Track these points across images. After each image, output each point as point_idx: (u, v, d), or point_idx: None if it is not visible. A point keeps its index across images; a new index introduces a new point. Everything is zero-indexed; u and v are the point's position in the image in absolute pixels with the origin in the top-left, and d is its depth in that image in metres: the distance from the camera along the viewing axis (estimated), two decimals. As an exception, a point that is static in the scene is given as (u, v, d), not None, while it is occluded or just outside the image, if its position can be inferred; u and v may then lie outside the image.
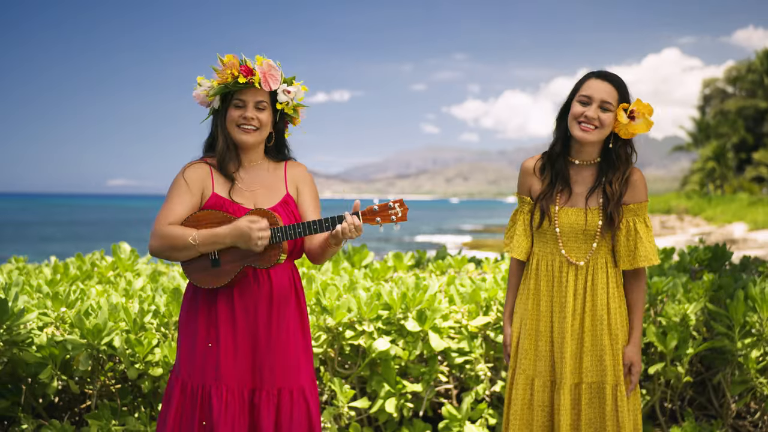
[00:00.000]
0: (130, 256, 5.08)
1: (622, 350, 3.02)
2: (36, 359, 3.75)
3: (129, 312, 3.85)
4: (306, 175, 3.15)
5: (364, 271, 5.01)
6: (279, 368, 2.96)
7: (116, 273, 4.99)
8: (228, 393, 2.92)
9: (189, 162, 3.06)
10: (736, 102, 72.97)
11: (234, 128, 3.01)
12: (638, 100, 2.97)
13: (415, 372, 4.22)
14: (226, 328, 2.94)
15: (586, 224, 3.01)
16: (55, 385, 3.77)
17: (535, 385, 3.08)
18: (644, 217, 3.04)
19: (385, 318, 4.19)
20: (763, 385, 4.25)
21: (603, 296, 3.01)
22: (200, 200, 2.99)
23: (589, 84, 3.01)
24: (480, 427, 4.19)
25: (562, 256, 3.04)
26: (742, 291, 4.19)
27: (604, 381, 3.00)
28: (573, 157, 3.10)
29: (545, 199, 3.08)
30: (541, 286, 3.09)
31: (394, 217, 2.80)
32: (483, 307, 4.31)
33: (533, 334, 3.10)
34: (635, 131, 2.98)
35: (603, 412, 2.99)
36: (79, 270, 4.91)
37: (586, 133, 2.99)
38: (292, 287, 3.03)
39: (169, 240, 2.87)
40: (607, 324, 3.01)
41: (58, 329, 3.93)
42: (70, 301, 4.00)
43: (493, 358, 4.35)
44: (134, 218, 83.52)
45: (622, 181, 3.01)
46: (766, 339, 4.18)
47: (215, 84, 2.98)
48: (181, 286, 4.17)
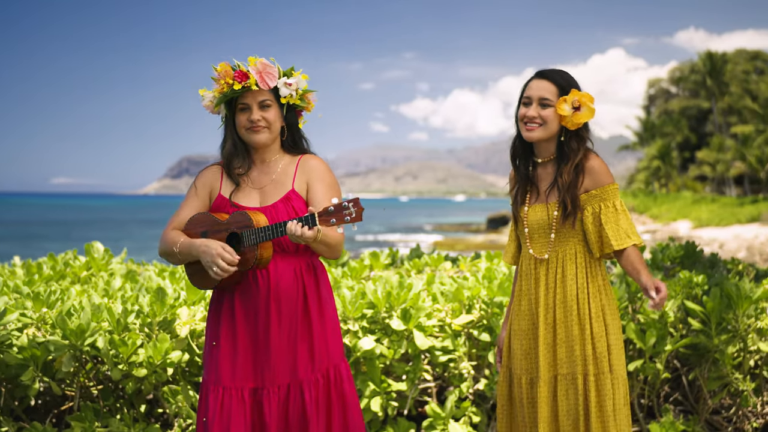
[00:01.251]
0: (104, 255, 5.00)
1: (592, 339, 3.04)
2: (17, 361, 3.67)
3: (113, 312, 3.78)
4: (318, 168, 3.09)
5: (342, 270, 5.00)
6: (282, 366, 2.95)
7: (90, 273, 4.91)
8: (225, 393, 2.93)
9: (208, 164, 3.14)
10: (680, 102, 74.56)
11: (244, 131, 3.04)
12: (574, 91, 3.00)
13: (400, 371, 4.22)
14: (227, 328, 2.99)
15: (548, 218, 3.06)
16: (36, 387, 3.70)
17: (522, 383, 3.11)
18: (613, 201, 3.03)
19: (369, 317, 4.19)
20: (738, 380, 4.34)
21: (572, 287, 3.04)
22: (208, 202, 3.08)
23: (530, 85, 3.08)
24: (463, 425, 4.21)
25: (530, 254, 3.10)
26: (718, 288, 4.28)
27: (575, 371, 3.02)
28: (536, 156, 3.15)
29: (515, 201, 3.17)
30: (522, 287, 3.15)
31: (348, 218, 2.70)
32: (466, 305, 4.33)
33: (519, 334, 3.14)
34: (580, 120, 3.00)
35: (577, 403, 3.01)
36: (53, 270, 4.82)
37: (530, 132, 3.05)
38: (299, 283, 3.00)
39: (164, 245, 3.02)
40: (576, 314, 3.03)
41: (40, 330, 3.84)
42: (51, 302, 3.91)
43: (475, 356, 4.37)
44: (85, 218, 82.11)
45: (571, 170, 3.03)
46: (741, 335, 4.27)
47: (216, 94, 3.03)
48: (163, 285, 4.11)
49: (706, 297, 4.30)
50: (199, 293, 4.10)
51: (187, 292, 4.08)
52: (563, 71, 3.08)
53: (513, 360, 3.16)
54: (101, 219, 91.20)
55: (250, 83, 2.96)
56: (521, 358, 3.12)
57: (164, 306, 3.87)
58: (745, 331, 4.26)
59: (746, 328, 4.26)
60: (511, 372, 3.17)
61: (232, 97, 3.01)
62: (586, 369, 3.01)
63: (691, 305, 4.32)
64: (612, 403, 3.00)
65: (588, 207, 3.03)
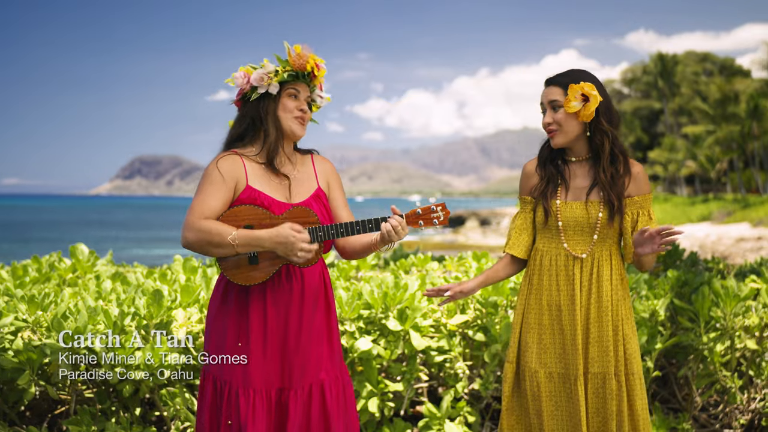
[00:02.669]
0: (89, 257, 4.92)
1: (623, 340, 3.09)
2: (13, 365, 3.59)
3: (109, 315, 3.72)
4: (335, 171, 3.13)
5: (331, 270, 4.99)
6: (308, 366, 2.93)
7: (76, 275, 4.82)
8: (255, 395, 2.88)
9: (220, 153, 2.96)
10: (632, 103, 75.76)
11: (289, 118, 2.95)
12: (571, 86, 3.01)
13: (396, 371, 4.23)
14: (258, 328, 2.89)
15: (588, 217, 3.07)
16: (32, 391, 3.62)
17: (540, 377, 3.12)
18: (648, 210, 3.10)
19: (366, 317, 4.18)
20: (726, 378, 4.42)
21: (608, 288, 3.07)
22: (234, 194, 2.90)
23: (542, 94, 3.12)
24: (459, 425, 4.23)
25: (565, 250, 3.10)
26: (707, 287, 4.35)
27: (607, 371, 3.05)
28: (568, 156, 3.17)
29: (545, 195, 3.14)
30: (543, 282, 3.14)
31: (437, 221, 2.82)
32: (460, 305, 4.35)
33: (536, 328, 3.14)
34: (591, 110, 3.00)
35: (608, 402, 3.04)
36: (39, 272, 4.73)
37: (553, 139, 3.10)
38: (322, 284, 3.00)
39: (206, 235, 2.77)
40: (611, 315, 3.06)
41: (35, 333, 3.77)
42: (45, 305, 3.84)
43: (470, 356, 4.39)
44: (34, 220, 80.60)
45: (607, 165, 3.04)
46: (729, 333, 4.35)
47: (281, 70, 2.91)
48: (159, 288, 4.06)
49: (694, 295, 4.37)
50: (192, 295, 4.06)
51: (181, 294, 4.04)
52: (570, 70, 3.10)
53: (526, 353, 3.15)
54: (51, 221, 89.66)
55: (319, 77, 2.97)
56: (539, 351, 3.12)
57: (161, 308, 3.82)
58: (733, 329, 4.34)
59: (733, 326, 4.34)
60: (521, 365, 3.18)
61: (291, 80, 2.93)
62: (618, 369, 3.05)
63: (681, 303, 4.39)
64: (642, 404, 3.06)
65: (628, 211, 3.07)
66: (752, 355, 4.50)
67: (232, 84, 2.97)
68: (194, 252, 2.89)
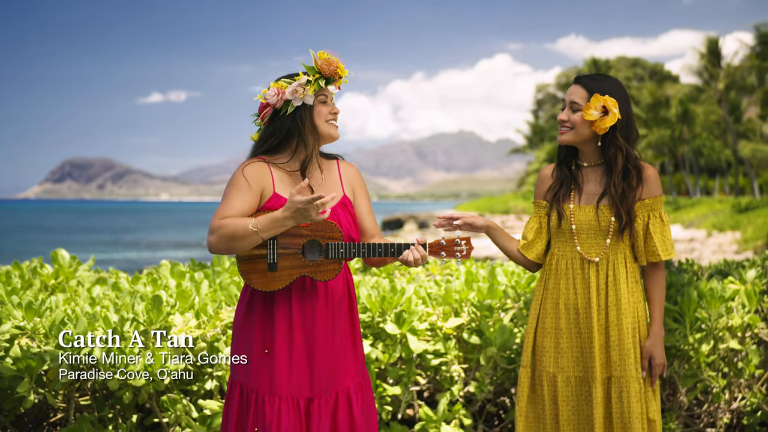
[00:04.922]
0: (71, 263, 4.80)
1: (642, 343, 3.15)
2: (12, 372, 3.50)
3: (109, 320, 3.65)
4: (361, 178, 3.12)
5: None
6: (335, 374, 2.93)
7: (58, 281, 4.71)
8: (282, 402, 2.85)
9: (247, 160, 2.95)
10: (567, 107, 77.09)
11: (324, 123, 2.94)
12: (596, 95, 3.03)
13: (393, 375, 4.23)
14: (283, 335, 2.88)
15: (599, 221, 3.11)
16: (32, 399, 3.53)
17: (558, 381, 3.15)
18: (659, 212, 3.15)
19: (364, 321, 4.18)
20: (712, 378, 4.54)
21: (625, 290, 3.11)
22: (260, 200, 2.88)
23: (568, 90, 3.15)
24: (455, 427, 4.25)
25: (579, 254, 3.14)
26: (694, 288, 4.46)
27: (628, 375, 3.10)
28: (581, 161, 3.22)
29: (557, 199, 3.19)
30: (560, 285, 3.17)
31: (459, 254, 2.86)
32: (455, 308, 4.38)
33: (553, 332, 3.17)
34: (605, 125, 3.04)
35: (628, 405, 3.09)
36: (21, 279, 4.60)
37: (562, 135, 3.14)
38: (346, 291, 3.00)
39: (228, 230, 2.73)
40: (630, 318, 3.11)
41: (34, 340, 3.67)
42: (41, 311, 3.74)
43: (464, 359, 4.41)
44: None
45: (618, 180, 3.09)
46: (713, 334, 4.47)
47: (312, 79, 2.90)
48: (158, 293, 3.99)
49: (680, 296, 4.48)
50: (189, 301, 4.00)
51: (178, 299, 3.98)
52: (602, 76, 3.12)
53: (543, 357, 3.18)
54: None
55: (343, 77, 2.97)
56: (556, 355, 3.15)
57: (161, 314, 3.76)
58: (717, 329, 4.45)
59: (717, 326, 4.45)
60: (537, 370, 3.21)
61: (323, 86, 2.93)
62: (638, 373, 3.10)
63: (666, 305, 4.49)
64: (656, 406, 3.13)
65: (639, 215, 3.11)
66: (731, 354, 4.62)
67: (263, 101, 2.93)
68: (221, 254, 2.85)
